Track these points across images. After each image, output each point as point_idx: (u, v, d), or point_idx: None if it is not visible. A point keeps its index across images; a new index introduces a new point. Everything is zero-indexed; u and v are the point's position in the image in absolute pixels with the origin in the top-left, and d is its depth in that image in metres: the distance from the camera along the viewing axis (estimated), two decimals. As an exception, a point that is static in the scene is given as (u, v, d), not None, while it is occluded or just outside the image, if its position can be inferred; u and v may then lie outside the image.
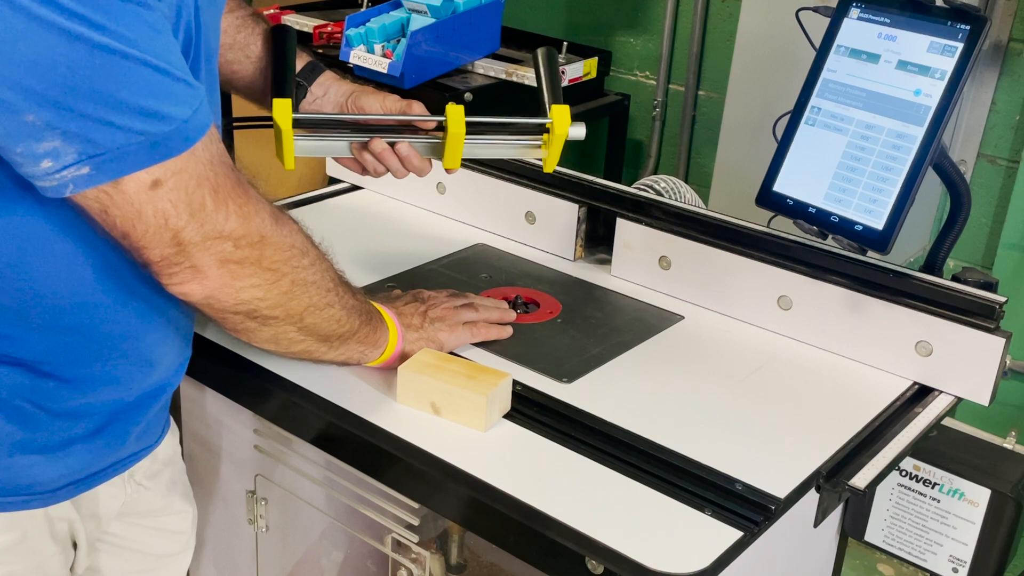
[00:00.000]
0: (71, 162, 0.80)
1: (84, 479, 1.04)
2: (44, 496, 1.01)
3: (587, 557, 0.91)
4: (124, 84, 0.80)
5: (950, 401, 1.19)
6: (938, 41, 1.19)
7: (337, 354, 1.09)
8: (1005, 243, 2.19)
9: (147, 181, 0.83)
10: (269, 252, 0.94)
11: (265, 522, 1.35)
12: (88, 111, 0.79)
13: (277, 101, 1.17)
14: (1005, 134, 2.28)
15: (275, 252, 0.94)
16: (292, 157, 1.19)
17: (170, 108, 0.83)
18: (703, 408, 1.15)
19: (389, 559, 1.28)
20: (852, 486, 1.04)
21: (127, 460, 1.10)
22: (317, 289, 1.01)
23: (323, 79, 1.29)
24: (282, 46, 1.24)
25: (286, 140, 1.17)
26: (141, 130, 0.81)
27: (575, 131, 1.26)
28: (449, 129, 1.20)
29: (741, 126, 2.38)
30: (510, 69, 2.43)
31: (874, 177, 1.22)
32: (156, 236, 0.86)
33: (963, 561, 1.20)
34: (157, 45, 0.82)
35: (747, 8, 2.31)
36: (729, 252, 1.33)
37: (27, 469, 0.98)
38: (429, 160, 1.25)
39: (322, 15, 2.74)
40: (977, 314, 1.17)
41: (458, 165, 1.25)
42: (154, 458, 1.16)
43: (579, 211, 1.47)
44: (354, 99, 1.27)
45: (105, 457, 1.06)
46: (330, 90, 1.29)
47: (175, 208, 0.85)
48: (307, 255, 0.99)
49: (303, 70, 1.28)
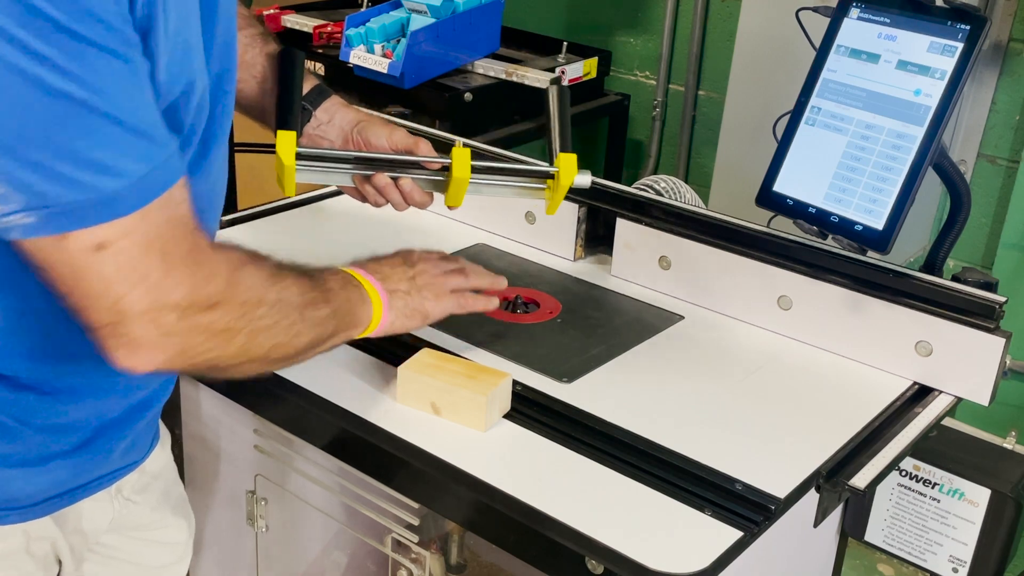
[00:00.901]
0: (16, 209, 0.76)
1: (63, 494, 1.02)
2: (21, 511, 0.98)
3: (587, 557, 0.91)
4: (81, 134, 0.75)
5: (950, 401, 1.19)
6: (938, 41, 1.19)
7: (318, 352, 1.05)
8: (1005, 243, 2.19)
9: (91, 242, 0.78)
10: (220, 315, 0.87)
11: (265, 522, 1.35)
12: (39, 159, 0.75)
13: (281, 134, 1.16)
14: (1005, 134, 2.28)
15: (227, 314, 0.88)
16: (293, 187, 1.19)
17: (127, 164, 0.78)
18: (703, 408, 1.15)
19: (389, 559, 1.28)
20: (852, 486, 1.04)
21: (111, 475, 1.08)
22: (279, 328, 0.94)
23: (329, 104, 1.26)
24: (290, 72, 1.22)
25: (288, 173, 1.16)
26: (91, 184, 0.76)
27: (581, 180, 1.25)
28: (454, 173, 1.19)
29: (741, 126, 2.38)
30: (510, 69, 2.43)
31: (874, 177, 1.22)
32: (97, 301, 0.80)
33: (963, 561, 1.20)
34: (126, 98, 0.78)
35: (747, 8, 2.31)
36: (729, 252, 1.33)
37: (4, 484, 0.96)
38: (431, 194, 1.24)
39: (322, 15, 2.74)
40: (977, 314, 1.17)
41: (460, 203, 1.24)
42: (142, 471, 1.14)
43: (579, 211, 1.47)
44: (360, 129, 1.25)
45: (87, 472, 1.03)
46: (335, 116, 1.26)
47: (119, 273, 0.80)
48: (263, 302, 0.92)
49: (309, 93, 1.25)
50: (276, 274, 0.94)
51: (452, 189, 1.21)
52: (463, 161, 1.19)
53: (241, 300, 0.89)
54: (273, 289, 0.93)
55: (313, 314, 0.99)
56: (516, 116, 2.51)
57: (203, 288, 0.85)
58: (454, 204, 1.25)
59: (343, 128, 1.25)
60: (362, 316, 1.08)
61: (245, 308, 0.89)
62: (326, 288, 1.03)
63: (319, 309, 1.00)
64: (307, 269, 1.01)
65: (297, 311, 0.97)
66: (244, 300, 0.89)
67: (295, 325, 0.96)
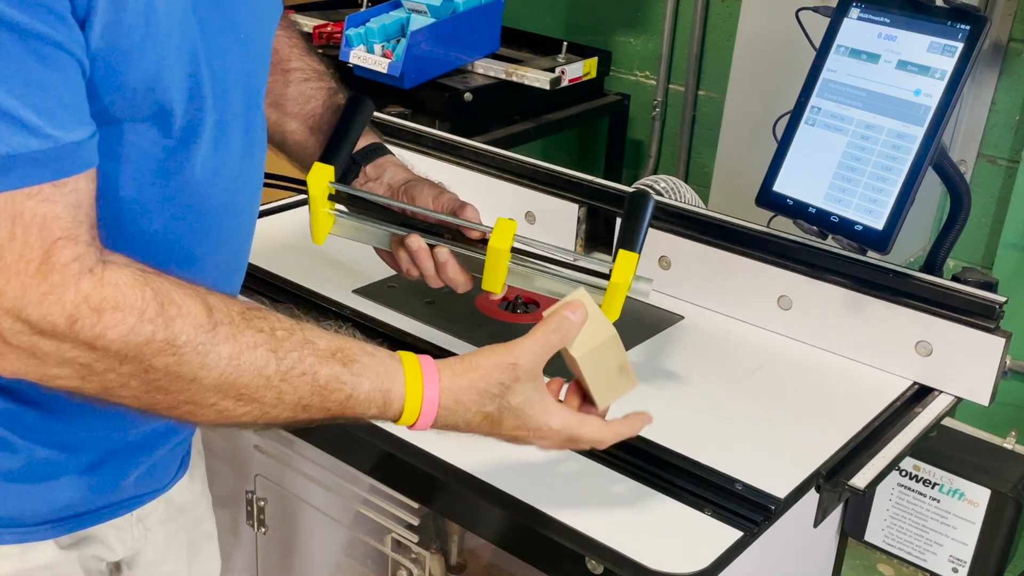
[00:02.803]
0: None
1: (72, 517, 0.97)
2: (22, 531, 0.93)
3: (587, 557, 0.91)
4: None
5: (950, 401, 1.19)
6: (938, 41, 1.19)
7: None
8: (1005, 243, 2.19)
9: None
10: (68, 349, 0.75)
11: (265, 522, 1.35)
12: None
13: (317, 165, 1.08)
14: (1005, 134, 2.28)
15: (75, 350, 0.75)
16: (323, 233, 1.09)
17: None
18: (703, 408, 1.15)
19: (389, 559, 1.28)
20: (852, 486, 1.04)
21: (129, 502, 1.02)
22: (164, 397, 0.79)
23: (381, 161, 1.18)
24: (351, 116, 1.14)
25: (316, 211, 1.08)
26: None
27: (639, 288, 1.05)
28: (491, 243, 1.05)
29: (741, 126, 2.38)
30: (510, 69, 2.43)
31: (874, 177, 1.22)
32: None
33: (963, 561, 1.20)
34: (14, 77, 0.71)
35: (747, 8, 2.31)
36: (729, 252, 1.33)
37: (1, 500, 0.91)
38: (470, 277, 1.10)
39: (322, 15, 2.74)
40: (977, 314, 1.17)
41: (499, 289, 1.08)
42: (168, 502, 1.09)
43: (579, 211, 1.47)
44: (407, 188, 1.14)
45: (100, 496, 0.98)
46: (385, 174, 1.17)
47: None
48: (128, 360, 0.76)
49: (364, 148, 1.17)
50: (195, 343, 0.78)
51: (489, 265, 1.06)
52: (505, 232, 1.05)
53: (92, 344, 0.75)
54: (163, 357, 0.77)
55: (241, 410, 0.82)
56: (516, 116, 2.51)
57: (36, 308, 0.74)
58: (491, 288, 1.08)
59: (391, 186, 1.16)
60: (363, 412, 0.87)
61: (101, 356, 0.76)
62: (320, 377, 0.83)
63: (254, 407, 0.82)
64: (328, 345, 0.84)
65: (211, 394, 0.80)
66: (102, 347, 0.76)
67: (188, 405, 0.80)
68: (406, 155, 1.63)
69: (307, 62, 1.23)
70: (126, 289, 0.76)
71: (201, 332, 0.78)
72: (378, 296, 1.35)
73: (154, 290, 0.77)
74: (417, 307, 1.33)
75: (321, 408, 0.84)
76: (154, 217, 0.88)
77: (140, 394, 0.79)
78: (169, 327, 0.77)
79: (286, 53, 1.22)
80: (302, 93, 1.20)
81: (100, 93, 0.79)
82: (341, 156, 1.11)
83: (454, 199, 1.11)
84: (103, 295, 0.75)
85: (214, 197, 0.92)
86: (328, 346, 0.85)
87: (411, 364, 0.88)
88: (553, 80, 2.39)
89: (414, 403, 0.87)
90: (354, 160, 1.16)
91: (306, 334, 0.84)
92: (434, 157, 1.61)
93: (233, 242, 0.99)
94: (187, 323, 0.78)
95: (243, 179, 0.97)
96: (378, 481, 1.12)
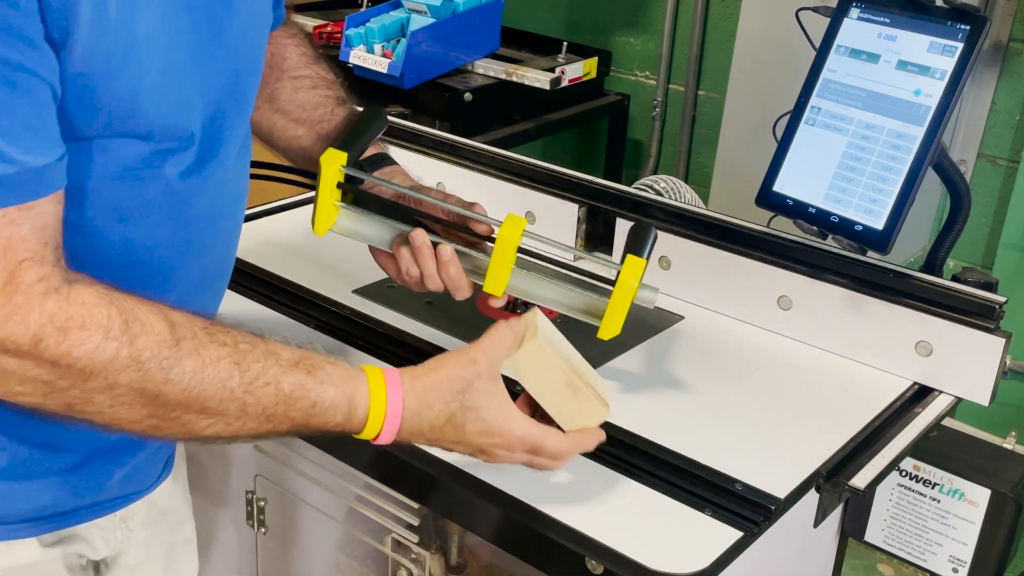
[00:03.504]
0: None
1: (56, 516, 0.97)
2: (2, 530, 0.94)
3: (587, 557, 0.91)
4: None
5: (950, 401, 1.19)
6: (938, 41, 1.19)
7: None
8: (1005, 243, 2.19)
9: None
10: (31, 367, 0.77)
11: (265, 522, 1.35)
12: None
13: (331, 151, 1.05)
14: (1005, 134, 2.28)
15: (38, 368, 0.77)
16: (326, 224, 1.07)
17: None
18: (703, 408, 1.15)
19: (389, 559, 1.28)
20: (852, 486, 1.04)
21: (112, 503, 1.03)
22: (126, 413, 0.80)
23: (388, 170, 1.17)
24: (369, 121, 1.12)
25: (323, 197, 1.05)
26: None
27: (645, 295, 1.02)
28: (501, 232, 1.01)
29: (741, 126, 2.38)
30: (510, 69, 2.43)
31: (874, 177, 1.22)
32: None
33: (963, 561, 1.20)
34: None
35: (747, 8, 2.31)
36: (729, 252, 1.33)
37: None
38: (471, 283, 1.07)
39: (322, 15, 2.74)
40: (977, 314, 1.17)
41: (501, 292, 1.05)
42: (152, 504, 1.09)
43: (579, 211, 1.47)
44: (414, 190, 1.13)
45: (83, 496, 0.98)
46: (394, 179, 1.15)
47: None
48: (96, 377, 0.77)
49: (371, 157, 1.17)
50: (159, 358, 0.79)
51: (495, 258, 1.02)
52: (515, 225, 1.01)
53: (57, 362, 0.76)
54: (128, 373, 0.78)
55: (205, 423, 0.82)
56: (516, 116, 2.51)
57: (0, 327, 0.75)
58: (493, 291, 1.05)
59: (397, 192, 1.14)
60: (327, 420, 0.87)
61: (65, 374, 0.77)
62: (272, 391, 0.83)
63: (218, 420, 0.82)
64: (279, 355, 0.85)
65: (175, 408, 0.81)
66: (66, 364, 0.77)
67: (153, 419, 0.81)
68: (406, 155, 1.63)
69: (316, 70, 1.24)
70: (92, 308, 0.77)
71: (165, 347, 0.79)
72: (378, 296, 1.35)
73: (119, 308, 0.78)
74: (417, 307, 1.33)
75: (285, 417, 0.84)
76: (135, 224, 0.89)
77: (104, 410, 0.79)
78: (133, 344, 0.78)
79: (295, 61, 1.23)
80: (310, 100, 1.21)
81: (76, 113, 0.81)
82: (356, 148, 1.10)
83: (461, 200, 1.10)
84: (69, 314, 0.76)
85: (197, 206, 0.93)
86: (292, 356, 0.85)
87: (374, 372, 0.89)
88: (553, 80, 2.39)
89: (379, 406, 0.88)
90: (361, 167, 1.15)
91: (269, 346, 0.85)
92: (434, 157, 1.61)
93: (216, 249, 1.00)
94: (151, 339, 0.79)
95: (228, 189, 0.98)
96: (378, 481, 1.12)
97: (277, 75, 1.22)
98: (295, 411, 0.84)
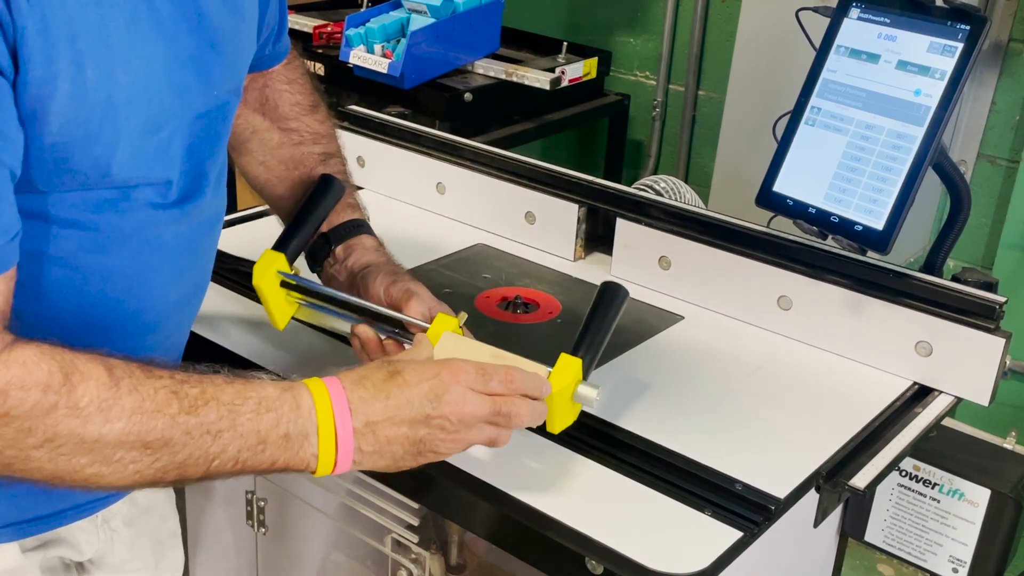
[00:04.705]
0: None
1: (37, 519, 0.97)
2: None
3: (587, 557, 0.91)
4: None
5: (950, 401, 1.19)
6: (938, 41, 1.19)
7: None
8: (1005, 243, 2.19)
9: None
10: None
11: (265, 522, 1.35)
12: None
13: (267, 253, 1.10)
14: (1005, 134, 2.28)
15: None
16: (285, 318, 1.11)
17: None
18: (703, 408, 1.15)
19: (389, 559, 1.28)
20: (852, 486, 1.04)
21: (92, 504, 1.02)
22: (68, 463, 0.79)
23: (354, 243, 1.15)
24: (318, 198, 1.14)
25: (270, 299, 1.10)
26: None
27: (585, 392, 0.96)
28: (430, 330, 1.01)
29: (741, 126, 2.38)
30: (510, 69, 2.43)
31: (874, 177, 1.22)
32: None
33: (963, 561, 1.20)
34: None
35: (747, 8, 2.31)
36: (729, 252, 1.33)
37: None
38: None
39: (322, 15, 2.74)
40: (977, 314, 1.17)
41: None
42: (133, 502, 1.10)
43: (579, 211, 1.47)
44: (364, 275, 1.11)
45: (64, 499, 0.98)
46: (351, 257, 1.15)
47: None
48: (34, 433, 0.77)
49: (340, 226, 1.16)
50: (98, 401, 0.78)
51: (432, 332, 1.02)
52: (444, 325, 1.00)
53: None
54: (67, 422, 0.77)
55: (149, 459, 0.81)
56: (516, 116, 2.51)
57: None
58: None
59: (352, 270, 1.14)
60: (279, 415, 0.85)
61: (3, 433, 0.76)
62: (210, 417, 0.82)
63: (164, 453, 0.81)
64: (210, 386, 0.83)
65: (116, 448, 0.79)
66: (5, 424, 0.76)
67: (95, 466, 0.80)
68: (406, 155, 1.63)
69: (306, 122, 1.23)
70: (32, 367, 0.77)
71: (104, 390, 0.78)
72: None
73: (59, 362, 0.78)
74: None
75: (232, 429, 0.82)
76: (112, 254, 0.90)
77: (43, 465, 0.78)
78: (72, 394, 0.77)
79: (286, 111, 1.23)
80: (292, 157, 1.21)
81: (51, 176, 0.82)
82: (295, 243, 1.12)
83: (405, 290, 1.07)
84: (9, 377, 0.76)
85: (176, 234, 0.94)
86: (226, 377, 0.85)
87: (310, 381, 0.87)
88: (553, 80, 2.39)
89: (320, 388, 0.86)
90: (327, 239, 1.16)
91: (204, 374, 0.84)
92: (434, 157, 1.61)
93: (194, 271, 1.01)
94: (90, 385, 0.78)
95: (206, 213, 0.99)
96: (378, 481, 1.12)
97: (267, 124, 1.22)
98: (242, 418, 0.82)
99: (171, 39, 0.86)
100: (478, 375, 0.89)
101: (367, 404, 0.86)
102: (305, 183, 1.20)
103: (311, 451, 0.84)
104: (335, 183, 1.16)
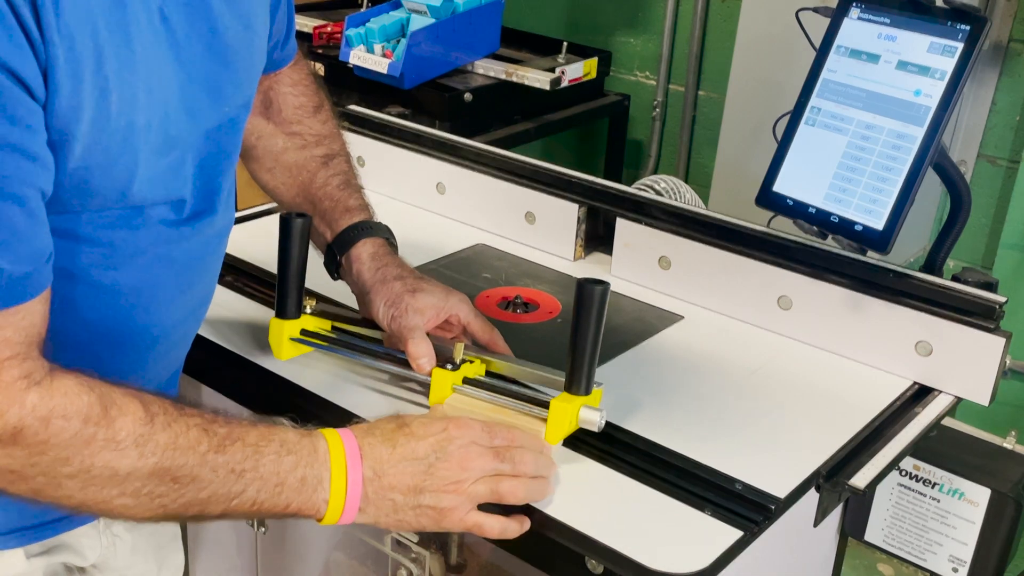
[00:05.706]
0: None
1: (39, 526, 0.98)
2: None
3: (587, 557, 0.91)
4: None
5: (950, 401, 1.19)
6: (938, 41, 1.19)
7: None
8: (1005, 243, 2.19)
9: None
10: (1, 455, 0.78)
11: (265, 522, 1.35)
12: None
13: (275, 322, 1.15)
14: (1005, 134, 2.28)
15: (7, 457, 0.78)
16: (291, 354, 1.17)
17: None
18: (703, 408, 1.15)
19: (389, 559, 1.28)
20: (852, 486, 1.04)
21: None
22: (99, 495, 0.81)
23: (356, 254, 1.17)
24: (286, 244, 1.11)
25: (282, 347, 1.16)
26: None
27: (588, 416, 1.01)
28: (432, 390, 1.07)
29: (741, 126, 2.38)
30: (510, 69, 2.43)
31: (874, 177, 1.22)
32: None
33: (963, 561, 1.20)
34: None
35: (747, 8, 2.31)
36: (729, 252, 1.33)
37: None
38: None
39: (322, 15, 2.74)
40: (977, 314, 1.17)
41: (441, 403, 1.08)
42: None
43: (579, 211, 1.47)
44: (367, 302, 1.14)
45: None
46: (352, 269, 1.16)
47: None
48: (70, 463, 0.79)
49: (343, 233, 1.17)
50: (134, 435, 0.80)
51: (433, 391, 1.08)
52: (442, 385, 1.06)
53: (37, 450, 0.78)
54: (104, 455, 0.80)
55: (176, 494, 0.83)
56: (516, 116, 2.51)
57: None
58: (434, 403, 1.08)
59: (359, 285, 1.16)
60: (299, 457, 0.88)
61: (39, 460, 0.78)
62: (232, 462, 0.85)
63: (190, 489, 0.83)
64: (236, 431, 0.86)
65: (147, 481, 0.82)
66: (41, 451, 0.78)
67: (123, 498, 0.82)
68: (406, 155, 1.63)
69: (308, 125, 1.24)
70: (73, 396, 0.79)
71: (140, 424, 0.81)
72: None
73: (98, 394, 0.80)
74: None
75: (255, 469, 0.85)
76: (124, 270, 0.90)
77: (74, 493, 0.80)
78: (111, 426, 0.80)
79: (289, 115, 1.23)
80: (296, 163, 1.22)
81: (71, 198, 0.82)
82: (290, 302, 1.14)
83: (402, 327, 1.10)
84: (52, 405, 0.78)
85: (187, 249, 0.95)
86: (251, 420, 0.89)
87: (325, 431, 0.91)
88: (553, 80, 2.39)
89: (334, 436, 0.90)
90: (332, 250, 1.18)
91: (230, 417, 0.88)
92: (434, 157, 1.61)
93: (203, 283, 1.02)
94: (127, 420, 0.81)
95: (216, 225, 0.99)
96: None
97: (272, 129, 1.22)
98: (264, 458, 0.86)
99: (186, 59, 0.87)
100: (483, 431, 0.94)
101: (375, 449, 0.91)
102: (308, 188, 1.20)
103: (323, 496, 0.88)
104: (293, 223, 1.12)
